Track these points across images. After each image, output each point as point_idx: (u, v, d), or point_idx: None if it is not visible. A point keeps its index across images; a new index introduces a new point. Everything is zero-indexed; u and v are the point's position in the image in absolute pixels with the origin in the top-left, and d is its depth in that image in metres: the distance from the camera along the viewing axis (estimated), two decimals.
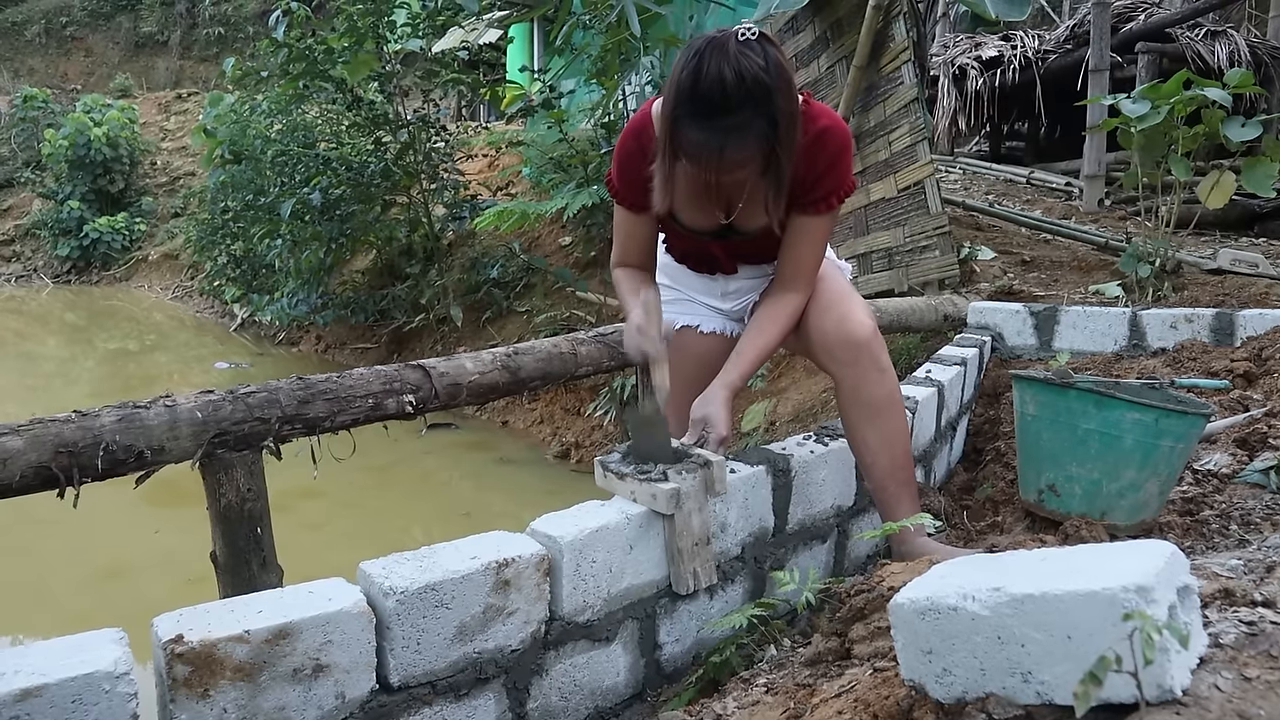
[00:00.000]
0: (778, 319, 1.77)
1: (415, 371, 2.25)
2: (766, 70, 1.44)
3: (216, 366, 8.04)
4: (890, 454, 1.79)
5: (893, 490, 1.80)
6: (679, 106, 1.48)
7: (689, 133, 1.48)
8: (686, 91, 1.47)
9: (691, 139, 1.48)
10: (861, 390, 1.77)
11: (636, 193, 1.76)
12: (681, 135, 1.50)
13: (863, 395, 1.77)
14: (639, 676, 1.59)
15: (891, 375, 1.79)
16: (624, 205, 1.83)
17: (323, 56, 6.88)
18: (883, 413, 1.78)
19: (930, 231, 4.24)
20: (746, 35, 1.46)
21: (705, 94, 1.44)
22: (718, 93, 1.43)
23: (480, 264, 7.46)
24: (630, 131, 1.76)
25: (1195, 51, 7.28)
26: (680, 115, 1.49)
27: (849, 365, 1.76)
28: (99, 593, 3.59)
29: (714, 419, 1.66)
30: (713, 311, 2.02)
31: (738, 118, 1.45)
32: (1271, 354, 2.55)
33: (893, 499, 1.80)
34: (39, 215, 14.88)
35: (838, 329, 1.76)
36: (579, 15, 5.95)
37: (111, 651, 1.03)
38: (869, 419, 1.78)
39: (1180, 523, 1.72)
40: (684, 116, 1.48)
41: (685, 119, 1.48)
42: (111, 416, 1.75)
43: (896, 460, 1.80)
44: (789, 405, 4.31)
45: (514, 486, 5.02)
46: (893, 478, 1.80)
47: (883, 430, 1.78)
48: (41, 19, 24.90)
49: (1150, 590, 0.79)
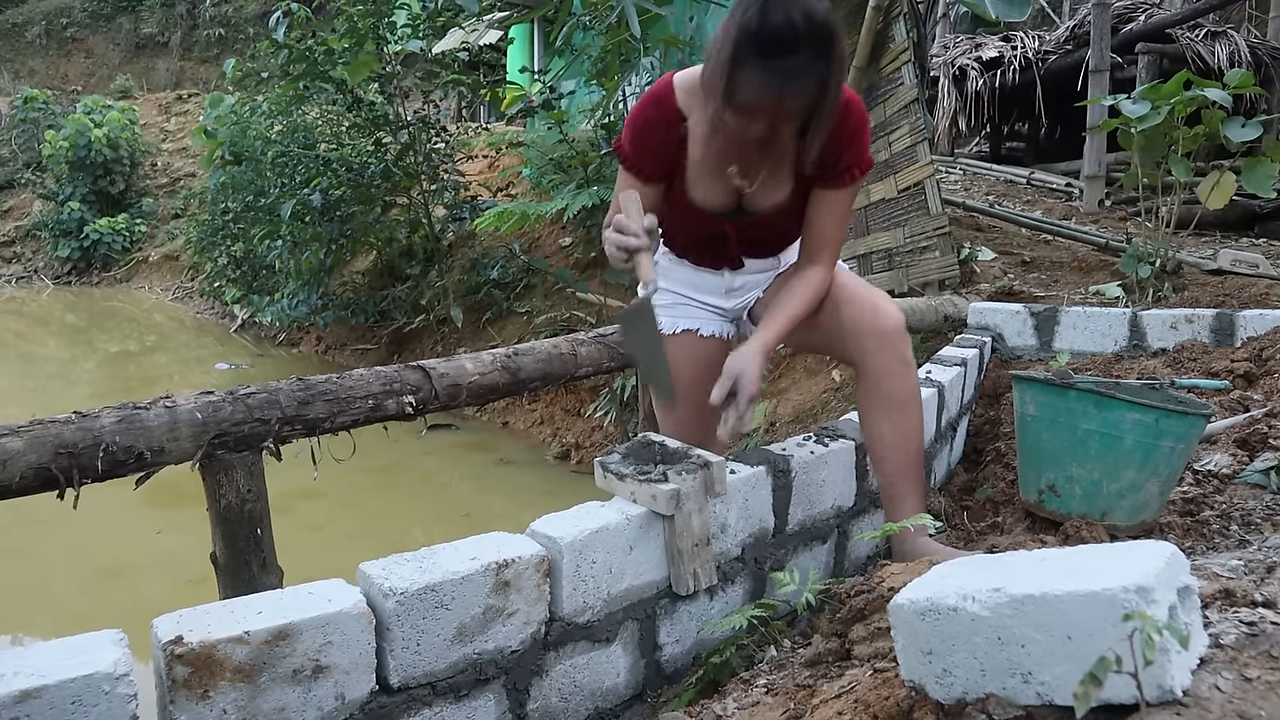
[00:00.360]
0: (808, 289, 1.76)
1: (415, 372, 2.25)
2: (829, 17, 1.44)
3: (217, 367, 8.05)
4: (905, 450, 1.80)
5: (901, 487, 1.80)
6: (742, 47, 1.44)
7: (750, 74, 1.45)
8: (752, 31, 1.43)
9: (751, 80, 1.45)
10: (884, 382, 1.78)
11: (649, 161, 1.73)
12: (741, 77, 1.46)
13: (885, 387, 1.78)
14: (639, 677, 1.58)
15: (915, 372, 1.81)
16: (633, 173, 1.77)
17: (323, 57, 6.88)
18: (903, 408, 1.79)
19: (930, 232, 4.25)
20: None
21: (774, 33, 1.41)
22: (787, 32, 1.41)
23: (480, 265, 7.46)
24: (651, 99, 1.72)
25: (1195, 52, 7.29)
26: (743, 55, 1.44)
27: (876, 353, 1.77)
28: (99, 594, 3.59)
29: (747, 375, 1.63)
30: (713, 314, 2.00)
31: (800, 59, 1.43)
32: (1272, 354, 2.55)
33: (900, 496, 1.80)
34: (39, 216, 14.88)
35: (871, 318, 1.77)
36: (579, 16, 5.95)
37: (111, 653, 1.03)
38: (888, 412, 1.79)
39: (1181, 523, 1.72)
40: (747, 56, 1.44)
41: (749, 58, 1.44)
42: (111, 417, 1.76)
43: (909, 457, 1.80)
44: (789, 406, 4.31)
45: (514, 487, 5.02)
46: (903, 475, 1.80)
47: (900, 425, 1.79)
48: (42, 20, 24.91)
49: (1150, 591, 0.79)
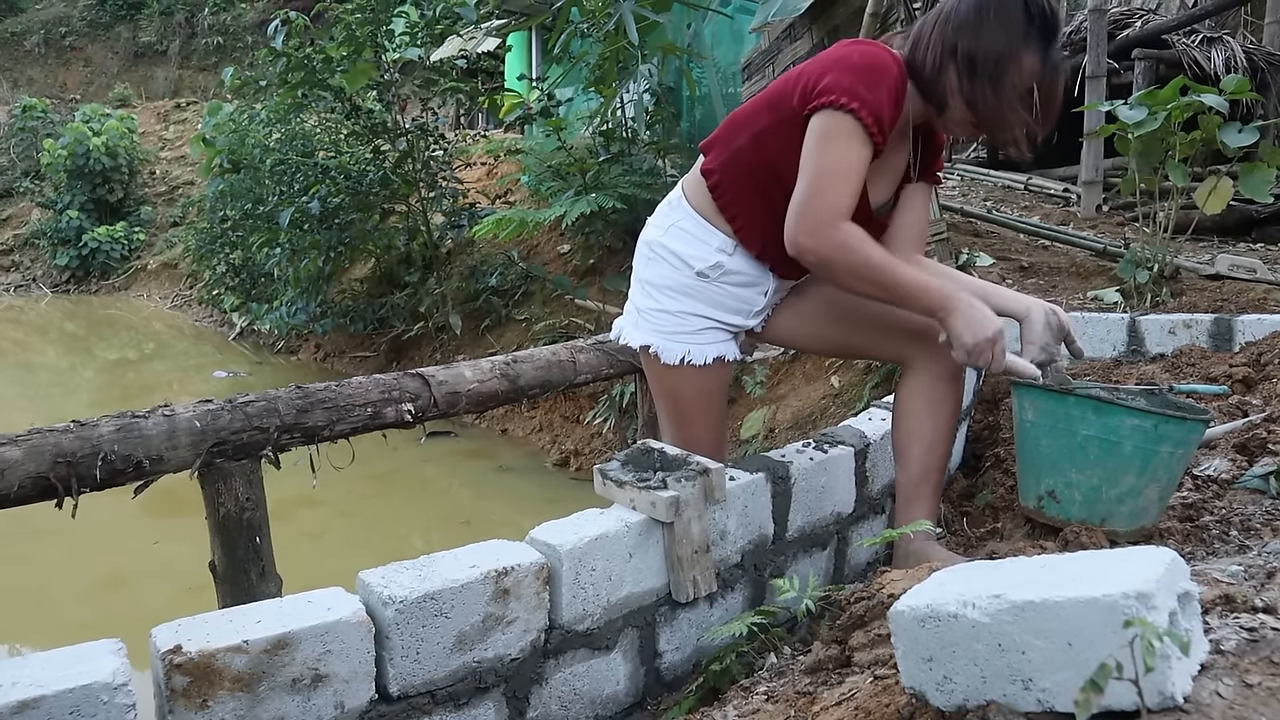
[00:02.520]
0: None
1: (414, 380, 2.25)
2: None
3: (215, 375, 8.04)
4: (935, 454, 1.80)
5: (923, 489, 1.80)
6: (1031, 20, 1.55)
7: (1043, 50, 1.56)
8: (1035, 6, 1.55)
9: (1048, 55, 1.56)
10: (942, 384, 1.78)
11: (890, 121, 1.58)
12: (1035, 47, 1.55)
13: (941, 390, 1.78)
14: (639, 685, 1.58)
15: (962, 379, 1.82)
16: (879, 143, 1.57)
17: (321, 65, 6.90)
18: (951, 413, 1.80)
19: (928, 238, 4.25)
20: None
21: (1050, 17, 1.56)
22: (1056, 19, 1.58)
23: (479, 272, 7.46)
24: (890, 61, 1.61)
25: (1192, 58, 7.31)
26: (1032, 30, 1.55)
27: (938, 355, 1.74)
28: (97, 602, 3.58)
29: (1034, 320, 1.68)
30: (730, 336, 1.89)
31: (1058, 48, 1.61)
32: (1270, 359, 2.55)
33: (919, 497, 1.80)
34: (38, 225, 14.88)
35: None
36: (577, 24, 5.97)
37: (109, 662, 1.02)
38: (932, 413, 1.79)
39: (1180, 528, 1.72)
40: (1038, 33, 1.55)
41: (1037, 37, 1.55)
42: (110, 426, 1.75)
43: (937, 461, 1.80)
44: (788, 412, 4.31)
45: (513, 494, 5.02)
46: (926, 478, 1.80)
47: (938, 428, 1.79)
48: (41, 29, 24.94)
49: (1151, 597, 0.79)
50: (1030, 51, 1.55)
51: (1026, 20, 1.54)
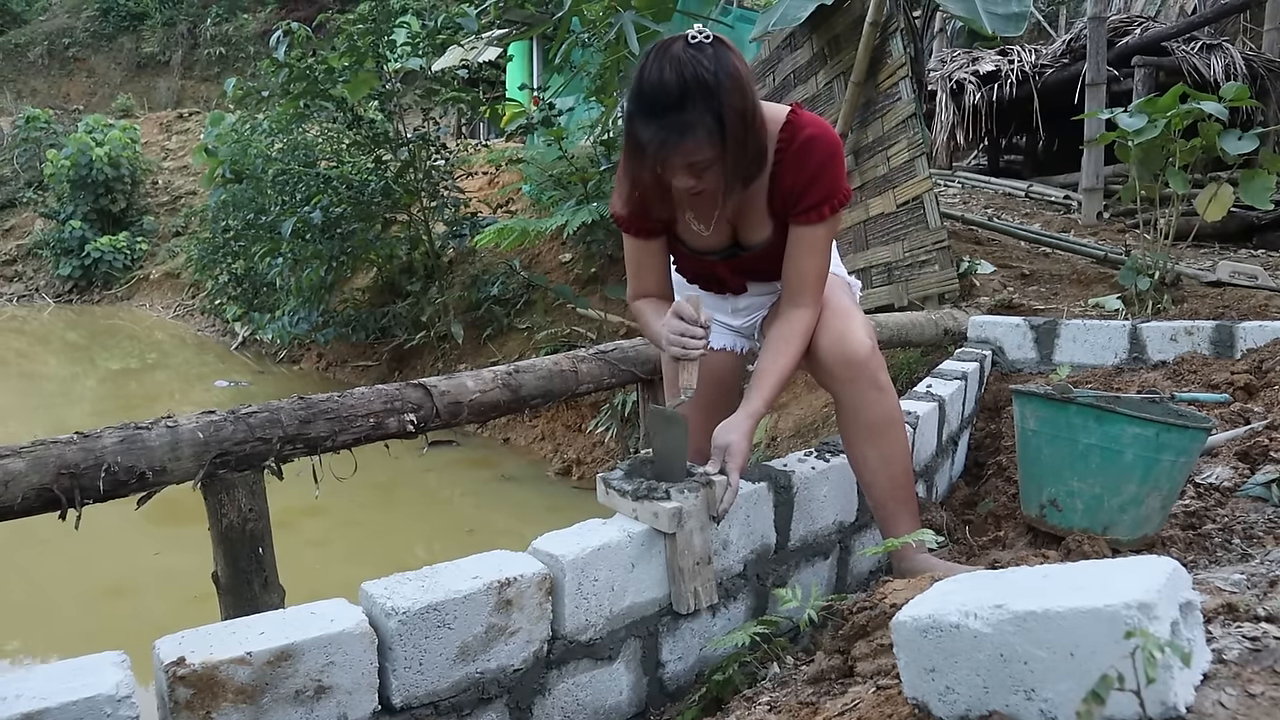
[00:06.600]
0: (792, 338, 1.73)
1: (416, 390, 2.25)
2: (711, 70, 1.49)
3: (217, 385, 8.05)
4: (889, 472, 1.79)
5: (892, 508, 1.80)
6: (631, 104, 1.56)
7: (641, 130, 1.54)
8: (635, 90, 1.54)
9: (642, 136, 1.54)
10: (860, 410, 1.76)
11: (640, 218, 1.79)
12: (635, 132, 1.55)
13: (861, 415, 1.76)
14: (642, 695, 1.58)
15: (891, 394, 1.78)
16: (630, 233, 1.85)
17: (323, 76, 6.92)
18: (882, 432, 1.77)
19: (929, 246, 4.25)
20: (697, 38, 1.52)
21: (649, 92, 1.51)
22: (660, 91, 1.50)
23: (481, 281, 7.47)
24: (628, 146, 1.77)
25: (1191, 65, 7.32)
26: (632, 113, 1.55)
27: (847, 383, 1.75)
28: (101, 613, 3.58)
29: (735, 448, 1.64)
30: (723, 328, 2.03)
31: (684, 115, 1.50)
32: (1272, 366, 2.55)
33: (892, 517, 1.79)
34: (41, 235, 14.93)
35: (836, 347, 1.74)
36: (578, 33, 5.99)
37: (113, 675, 1.02)
38: (868, 438, 1.78)
39: (1182, 537, 1.72)
40: (635, 114, 1.55)
41: (637, 117, 1.54)
42: (113, 438, 1.76)
43: (896, 479, 1.79)
44: (790, 421, 4.31)
45: (516, 504, 5.02)
46: (892, 496, 1.79)
47: (882, 449, 1.78)
48: (44, 40, 25.07)
49: (1152, 607, 0.79)
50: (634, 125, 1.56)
51: (630, 96, 1.57)
